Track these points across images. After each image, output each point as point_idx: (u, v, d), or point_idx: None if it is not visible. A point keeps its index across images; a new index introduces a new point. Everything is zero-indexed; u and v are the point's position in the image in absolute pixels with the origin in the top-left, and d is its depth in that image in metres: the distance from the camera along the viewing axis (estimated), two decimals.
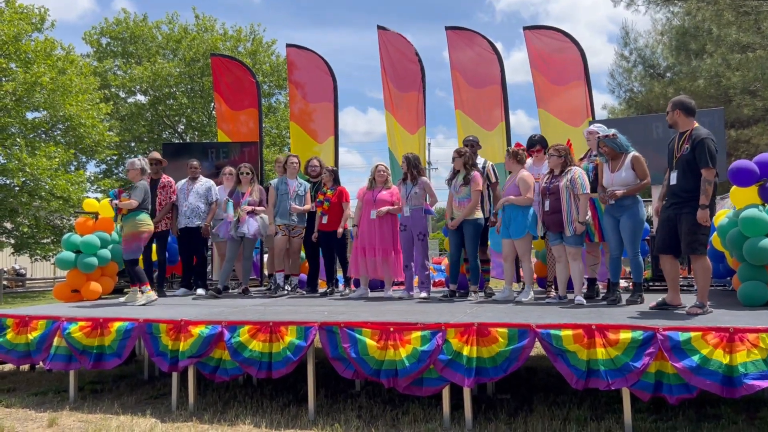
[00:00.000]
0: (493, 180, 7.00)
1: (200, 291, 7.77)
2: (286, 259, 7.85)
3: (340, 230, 7.33)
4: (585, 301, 5.82)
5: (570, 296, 6.17)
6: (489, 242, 7.21)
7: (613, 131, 5.69)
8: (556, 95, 8.55)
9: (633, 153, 5.67)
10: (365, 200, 7.14)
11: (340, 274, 8.39)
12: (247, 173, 7.71)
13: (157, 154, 8.10)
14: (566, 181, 5.91)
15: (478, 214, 6.58)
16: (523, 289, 6.45)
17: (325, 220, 7.46)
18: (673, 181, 5.10)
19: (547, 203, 6.00)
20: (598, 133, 6.31)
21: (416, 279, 7.30)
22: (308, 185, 7.91)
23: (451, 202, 6.69)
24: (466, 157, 6.63)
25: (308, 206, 7.74)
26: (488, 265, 7.15)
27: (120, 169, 28.01)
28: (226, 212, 7.56)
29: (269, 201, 7.78)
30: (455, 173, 6.69)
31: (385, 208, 6.97)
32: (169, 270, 8.76)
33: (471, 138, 7.35)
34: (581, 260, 6.00)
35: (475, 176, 6.57)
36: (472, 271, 6.66)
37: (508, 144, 8.49)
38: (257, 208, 7.66)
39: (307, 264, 8.20)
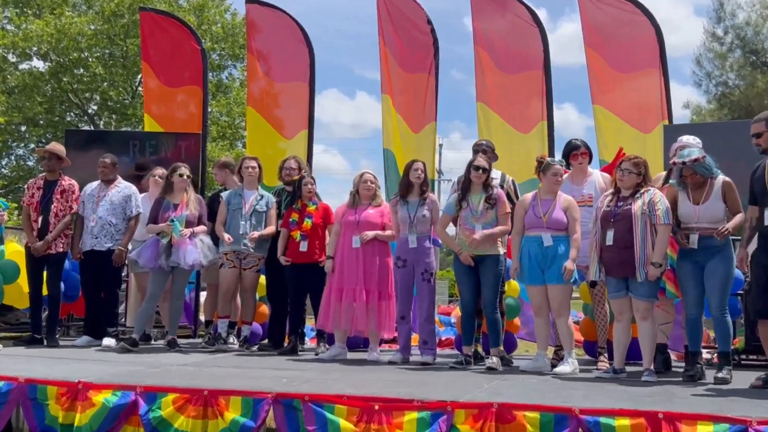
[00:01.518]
0: (517, 201, 7.04)
1: (108, 341, 7.71)
2: (234, 300, 7.85)
3: (328, 266, 7.26)
4: (656, 377, 5.86)
5: (631, 369, 6.16)
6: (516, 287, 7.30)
7: (702, 153, 5.80)
8: (618, 86, 8.61)
9: (722, 178, 5.79)
10: (345, 222, 7.18)
11: (310, 324, 8.37)
12: (186, 177, 7.78)
13: (57, 147, 8.12)
14: (642, 205, 5.93)
15: (500, 248, 6.64)
16: (561, 357, 6.45)
17: (304, 246, 7.43)
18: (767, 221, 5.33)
19: (610, 234, 5.97)
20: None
21: (416, 336, 7.28)
22: (272, 199, 7.97)
23: (444, 229, 6.77)
24: (486, 172, 6.73)
25: (272, 229, 7.80)
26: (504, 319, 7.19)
27: (5, 163, 27.89)
28: (168, 235, 7.58)
29: (218, 219, 7.81)
30: (466, 191, 6.76)
31: (372, 233, 7.01)
32: (65, 309, 8.71)
33: (485, 143, 7.48)
34: (653, 320, 6.04)
35: (501, 195, 6.68)
36: (490, 326, 6.66)
37: (551, 152, 8.52)
38: (196, 228, 7.70)
39: (264, 308, 8.21)
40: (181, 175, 7.74)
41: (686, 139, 6.64)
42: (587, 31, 8.94)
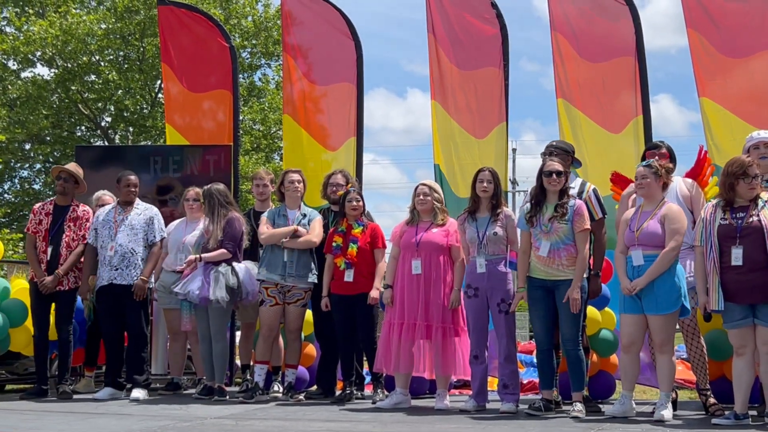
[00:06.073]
0: (598, 215, 7.05)
1: (138, 393, 7.75)
2: (276, 342, 7.88)
3: (375, 293, 7.37)
4: None
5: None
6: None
7: None
8: (729, 73, 8.45)
9: None
10: (403, 244, 7.24)
11: (365, 368, 8.34)
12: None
13: (77, 169, 8.24)
14: None
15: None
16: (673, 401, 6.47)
17: (349, 276, 7.49)
18: None
19: (737, 253, 5.94)
20: None
21: (492, 379, 7.33)
22: (315, 214, 7.99)
23: (527, 252, 6.78)
24: (563, 176, 6.76)
25: (309, 236, 7.75)
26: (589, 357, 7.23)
27: (7, 187, 28.22)
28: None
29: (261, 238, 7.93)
30: (539, 202, 6.80)
31: (456, 295, 7.06)
32: (80, 355, 8.69)
33: (561, 145, 7.43)
34: None
35: (581, 207, 6.68)
36: (571, 366, 6.68)
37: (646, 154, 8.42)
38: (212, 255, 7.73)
39: (311, 349, 8.31)
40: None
41: (765, 133, 6.77)
42: (689, 9, 8.77)
